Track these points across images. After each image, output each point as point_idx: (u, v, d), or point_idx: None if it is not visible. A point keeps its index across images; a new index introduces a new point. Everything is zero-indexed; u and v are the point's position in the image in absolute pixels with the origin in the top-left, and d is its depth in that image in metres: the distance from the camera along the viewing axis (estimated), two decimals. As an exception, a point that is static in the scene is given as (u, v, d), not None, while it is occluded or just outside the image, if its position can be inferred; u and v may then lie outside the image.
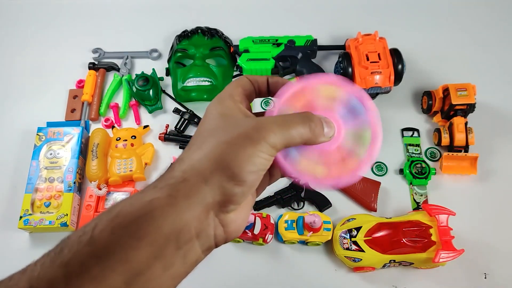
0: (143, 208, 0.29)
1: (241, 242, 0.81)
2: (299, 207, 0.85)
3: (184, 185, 0.31)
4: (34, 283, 0.27)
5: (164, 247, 0.29)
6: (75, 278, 0.27)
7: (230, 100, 0.35)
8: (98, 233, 0.28)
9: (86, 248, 0.28)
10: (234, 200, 0.32)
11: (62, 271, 0.27)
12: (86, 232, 0.29)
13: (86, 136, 0.91)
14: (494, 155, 0.89)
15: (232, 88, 0.37)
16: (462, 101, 0.85)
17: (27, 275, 0.28)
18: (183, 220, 0.30)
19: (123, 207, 0.30)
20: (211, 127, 0.34)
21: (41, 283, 0.27)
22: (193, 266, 0.32)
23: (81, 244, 0.28)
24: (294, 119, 0.33)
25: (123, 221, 0.29)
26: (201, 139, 0.33)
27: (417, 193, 0.86)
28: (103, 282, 0.27)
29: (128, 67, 1.01)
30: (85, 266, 0.27)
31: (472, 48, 1.03)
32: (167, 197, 0.30)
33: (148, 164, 0.89)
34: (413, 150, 0.90)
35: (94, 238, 0.28)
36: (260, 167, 0.32)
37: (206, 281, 0.79)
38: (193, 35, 0.99)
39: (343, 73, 0.90)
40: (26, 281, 0.27)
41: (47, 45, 1.06)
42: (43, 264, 0.28)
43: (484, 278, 0.78)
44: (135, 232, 0.29)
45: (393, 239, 0.74)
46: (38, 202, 0.82)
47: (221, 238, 0.33)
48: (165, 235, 0.29)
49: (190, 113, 0.93)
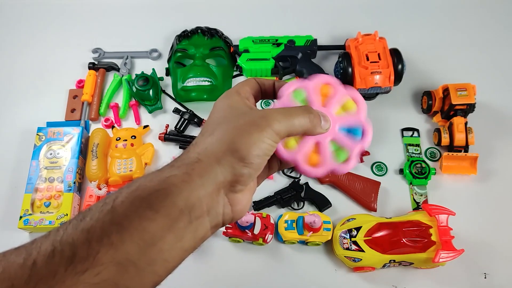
0: (160, 184, 0.32)
1: (241, 242, 0.81)
2: (299, 207, 0.85)
3: (199, 164, 0.34)
4: (57, 245, 0.29)
5: (178, 220, 0.32)
6: (95, 242, 0.29)
7: (237, 96, 0.39)
8: (118, 203, 0.31)
9: (107, 216, 0.31)
10: (242, 180, 0.35)
11: (84, 236, 0.30)
12: (107, 203, 0.32)
13: (86, 136, 0.91)
14: (494, 155, 0.89)
15: (240, 86, 0.40)
16: (462, 101, 0.85)
17: (50, 238, 0.30)
18: (196, 196, 0.33)
19: (142, 181, 0.33)
20: (220, 116, 0.37)
21: (64, 245, 0.29)
22: (201, 242, 0.34)
23: (102, 213, 0.31)
24: (296, 110, 0.37)
25: (142, 193, 0.32)
26: (213, 127, 0.36)
27: (417, 193, 0.86)
28: (120, 248, 0.30)
29: (128, 67, 1.01)
30: (105, 232, 0.30)
31: (472, 48, 1.03)
32: (183, 174, 0.33)
33: (148, 164, 0.89)
34: (413, 150, 0.90)
35: (114, 208, 0.31)
36: (265, 152, 0.35)
37: (206, 281, 0.79)
38: (193, 35, 0.99)
39: (343, 73, 0.90)
40: (49, 244, 0.30)
41: (47, 45, 1.06)
42: (66, 229, 0.31)
43: (484, 278, 0.78)
44: (152, 204, 0.31)
45: (393, 239, 0.74)
46: (38, 202, 0.82)
47: (228, 217, 0.36)
48: (180, 209, 0.32)
49: (190, 113, 0.93)
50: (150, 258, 0.31)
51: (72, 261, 0.29)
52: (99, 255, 0.29)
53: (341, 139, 0.38)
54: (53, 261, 0.29)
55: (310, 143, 0.38)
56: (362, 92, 0.91)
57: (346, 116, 0.39)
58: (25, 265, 0.28)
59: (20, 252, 0.30)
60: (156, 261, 0.31)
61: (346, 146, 0.38)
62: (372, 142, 0.95)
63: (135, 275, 0.30)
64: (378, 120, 0.94)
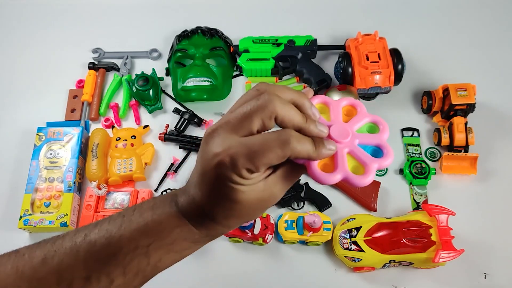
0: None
1: (241, 242, 0.81)
2: (299, 207, 0.85)
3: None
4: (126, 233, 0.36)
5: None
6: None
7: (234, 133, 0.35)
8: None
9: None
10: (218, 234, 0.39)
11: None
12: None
13: (86, 136, 0.91)
14: (494, 155, 0.89)
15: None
16: (462, 101, 0.85)
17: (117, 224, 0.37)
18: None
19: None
20: None
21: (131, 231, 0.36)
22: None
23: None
24: (296, 137, 0.34)
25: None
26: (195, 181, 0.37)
27: (417, 193, 0.86)
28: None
29: (128, 67, 1.01)
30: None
31: (472, 48, 1.03)
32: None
33: (148, 164, 0.89)
34: (413, 150, 0.90)
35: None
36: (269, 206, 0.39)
37: (206, 281, 0.79)
38: (193, 35, 0.99)
39: (343, 73, 0.90)
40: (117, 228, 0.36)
41: (47, 45, 1.06)
42: (123, 222, 0.37)
43: (484, 278, 0.78)
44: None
45: (393, 239, 0.74)
46: (38, 202, 0.82)
47: None
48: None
49: (190, 113, 0.93)
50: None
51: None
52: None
53: (358, 152, 0.37)
54: None
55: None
56: (362, 92, 0.91)
57: (367, 135, 0.39)
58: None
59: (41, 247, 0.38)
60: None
61: (363, 159, 0.37)
62: (372, 142, 0.93)
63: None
64: (378, 120, 0.94)
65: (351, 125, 0.38)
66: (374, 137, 0.39)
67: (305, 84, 0.97)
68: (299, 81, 0.99)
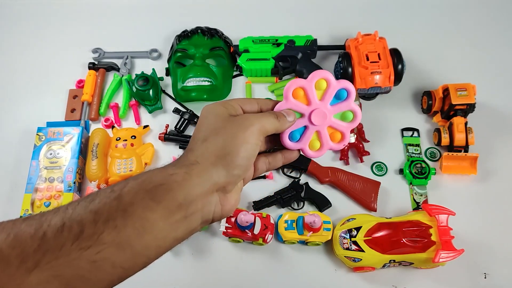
0: (164, 179, 0.37)
1: (241, 242, 0.81)
2: (299, 207, 0.85)
3: (197, 166, 0.38)
4: (67, 221, 0.33)
5: (175, 213, 0.36)
6: (101, 223, 0.33)
7: (222, 107, 0.43)
8: (125, 192, 0.35)
9: (114, 202, 0.34)
10: (232, 181, 0.40)
11: (92, 216, 0.33)
12: (115, 190, 0.35)
13: (86, 136, 0.91)
14: (494, 155, 0.89)
15: (227, 100, 0.45)
16: (462, 101, 0.85)
17: (60, 214, 0.34)
18: (194, 194, 0.37)
19: (148, 175, 0.37)
20: (210, 124, 0.42)
21: (73, 222, 0.33)
22: (191, 234, 0.39)
23: (110, 198, 0.35)
24: (266, 114, 0.43)
25: (147, 186, 0.36)
26: (205, 134, 0.41)
27: (417, 193, 0.86)
28: (122, 231, 0.33)
29: (128, 67, 1.01)
30: (112, 216, 0.34)
31: (472, 48, 1.03)
32: (184, 173, 0.37)
33: (148, 164, 0.89)
34: (413, 150, 0.90)
35: (121, 196, 0.35)
36: (251, 152, 0.41)
37: (206, 280, 0.79)
38: (193, 35, 0.99)
39: (343, 73, 0.90)
40: (60, 219, 0.33)
41: (47, 45, 1.06)
42: (75, 208, 0.34)
43: (484, 278, 0.78)
44: (155, 197, 0.35)
45: (393, 239, 0.74)
46: (38, 202, 0.82)
47: (217, 215, 0.41)
48: (178, 204, 0.36)
49: (190, 113, 0.93)
50: (146, 243, 0.35)
51: (79, 237, 0.32)
52: (103, 235, 0.33)
53: (335, 125, 0.47)
54: (62, 235, 0.32)
55: (312, 133, 0.46)
56: (362, 92, 0.91)
57: (339, 104, 0.47)
58: (35, 236, 0.32)
59: (30, 223, 0.33)
60: (150, 246, 0.35)
61: (340, 128, 0.47)
62: (372, 142, 0.95)
63: (131, 257, 0.34)
64: (378, 120, 0.94)
65: (325, 102, 0.46)
66: (344, 104, 0.47)
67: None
68: (299, 81, 0.99)
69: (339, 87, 0.46)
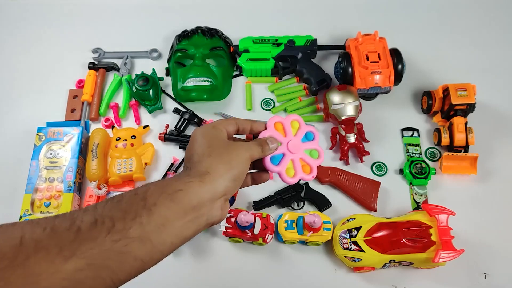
0: (183, 185, 0.43)
1: (241, 242, 0.81)
2: (299, 207, 0.85)
3: (208, 176, 0.45)
4: (99, 217, 0.37)
5: (189, 214, 0.42)
6: (129, 220, 0.38)
7: (214, 129, 0.50)
8: (149, 195, 0.41)
9: (141, 202, 0.40)
10: (233, 190, 0.47)
11: (121, 214, 0.38)
12: (139, 193, 0.41)
13: (86, 136, 0.91)
14: (494, 155, 0.89)
15: (216, 122, 0.51)
16: (462, 101, 0.85)
17: (90, 212, 0.38)
18: (205, 198, 0.44)
19: (168, 182, 0.43)
20: (206, 142, 0.48)
21: (105, 218, 0.37)
22: (195, 234, 0.44)
23: (136, 199, 0.40)
24: (253, 143, 0.51)
25: (168, 190, 0.42)
26: (209, 150, 0.47)
27: (417, 193, 0.86)
28: (146, 227, 0.39)
29: (128, 67, 1.01)
30: (138, 213, 0.39)
31: (472, 48, 1.03)
32: (199, 181, 0.44)
33: (148, 164, 0.89)
34: (413, 150, 0.90)
35: (145, 197, 0.41)
36: (246, 170, 0.49)
37: (206, 281, 0.79)
38: (193, 35, 0.99)
39: (343, 73, 0.90)
40: (91, 216, 0.37)
41: (47, 45, 1.06)
42: (104, 207, 0.39)
43: (484, 278, 0.78)
44: (175, 199, 0.41)
45: (393, 239, 0.74)
46: (38, 202, 0.82)
47: (217, 219, 0.46)
48: (192, 206, 0.42)
49: (190, 113, 0.93)
50: (163, 239, 0.40)
51: (110, 230, 0.37)
52: (131, 230, 0.38)
53: (306, 158, 0.55)
54: (95, 228, 0.36)
55: (288, 160, 0.53)
56: (362, 92, 0.91)
57: (308, 142, 0.56)
58: (71, 229, 0.36)
59: (63, 219, 0.37)
60: (166, 242, 0.41)
61: (309, 162, 0.55)
62: (372, 142, 0.95)
63: (150, 251, 0.39)
64: (378, 120, 0.94)
65: (298, 137, 0.55)
66: (312, 144, 0.56)
67: (305, 84, 0.97)
68: (299, 81, 0.99)
69: (307, 130, 0.56)
